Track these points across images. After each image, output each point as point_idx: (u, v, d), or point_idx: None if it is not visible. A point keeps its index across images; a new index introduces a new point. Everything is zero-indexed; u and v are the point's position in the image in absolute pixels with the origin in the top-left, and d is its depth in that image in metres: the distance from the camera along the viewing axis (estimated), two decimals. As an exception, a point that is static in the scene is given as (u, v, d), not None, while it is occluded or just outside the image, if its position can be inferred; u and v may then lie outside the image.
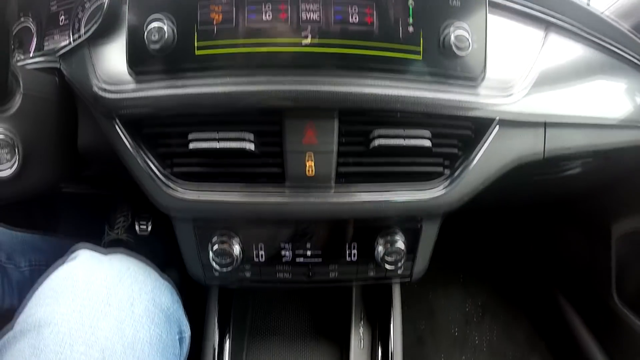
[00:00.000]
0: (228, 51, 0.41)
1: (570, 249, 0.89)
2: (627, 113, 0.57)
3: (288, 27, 0.40)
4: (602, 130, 0.55)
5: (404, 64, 0.42)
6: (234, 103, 0.40)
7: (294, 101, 0.39)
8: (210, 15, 0.40)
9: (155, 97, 0.41)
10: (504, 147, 0.46)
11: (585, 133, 0.53)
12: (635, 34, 0.60)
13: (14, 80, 0.47)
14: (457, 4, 0.43)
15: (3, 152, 0.45)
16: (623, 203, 0.73)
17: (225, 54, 0.41)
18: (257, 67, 0.41)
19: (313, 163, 0.41)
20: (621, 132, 0.58)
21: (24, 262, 0.70)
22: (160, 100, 0.40)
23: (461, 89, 0.44)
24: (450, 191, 0.45)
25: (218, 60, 0.41)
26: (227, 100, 0.40)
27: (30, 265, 0.70)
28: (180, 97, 0.40)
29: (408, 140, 0.43)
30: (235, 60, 0.41)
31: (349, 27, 0.41)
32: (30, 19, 0.67)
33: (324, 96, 0.39)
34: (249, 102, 0.39)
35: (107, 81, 0.44)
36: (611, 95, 0.57)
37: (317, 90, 0.39)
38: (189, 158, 0.43)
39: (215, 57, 0.41)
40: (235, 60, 0.41)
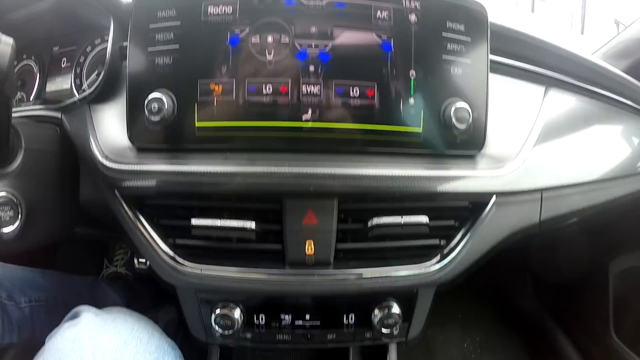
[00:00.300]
0: (228, 128, 0.41)
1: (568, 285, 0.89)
2: (624, 163, 0.58)
3: (289, 106, 0.40)
4: (599, 185, 0.55)
5: (404, 141, 0.42)
6: (234, 188, 0.40)
7: (294, 188, 0.39)
8: (211, 91, 0.40)
9: (157, 173, 0.40)
10: (500, 220, 0.46)
11: (582, 193, 0.53)
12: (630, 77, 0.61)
13: (16, 137, 0.47)
14: (459, 79, 0.43)
15: (6, 211, 0.45)
16: (620, 240, 0.73)
17: (226, 131, 0.41)
18: (258, 146, 0.40)
19: (313, 242, 0.41)
20: (618, 184, 0.58)
21: (24, 299, 0.70)
22: (161, 178, 0.40)
23: (460, 164, 0.44)
24: (446, 266, 0.45)
25: (218, 137, 0.41)
26: (227, 185, 0.39)
27: (30, 303, 0.70)
28: (181, 179, 0.40)
29: (406, 219, 0.42)
30: (236, 138, 0.41)
31: (350, 107, 0.41)
32: (33, 60, 0.67)
33: (323, 183, 0.39)
34: (249, 187, 0.39)
35: (107, 148, 0.44)
36: (608, 147, 0.57)
37: (317, 177, 0.39)
38: (192, 235, 0.43)
39: (216, 133, 0.41)
40: (235, 138, 0.41)
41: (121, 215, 0.44)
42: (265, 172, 0.39)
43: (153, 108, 0.39)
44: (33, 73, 0.67)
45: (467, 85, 0.43)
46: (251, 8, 0.40)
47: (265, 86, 0.40)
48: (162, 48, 0.41)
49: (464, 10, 0.44)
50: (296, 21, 0.40)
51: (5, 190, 0.44)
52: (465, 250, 0.45)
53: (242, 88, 0.40)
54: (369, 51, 0.41)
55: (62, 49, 0.64)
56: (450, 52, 0.43)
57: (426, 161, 0.43)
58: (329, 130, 0.41)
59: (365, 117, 0.41)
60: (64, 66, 0.64)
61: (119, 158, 0.43)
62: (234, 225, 0.41)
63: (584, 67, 0.58)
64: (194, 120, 0.41)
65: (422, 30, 0.42)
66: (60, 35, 0.64)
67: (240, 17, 0.40)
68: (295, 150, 0.41)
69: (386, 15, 0.41)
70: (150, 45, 0.41)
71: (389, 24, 0.41)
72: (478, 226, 0.45)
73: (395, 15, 0.41)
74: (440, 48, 0.43)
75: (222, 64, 0.40)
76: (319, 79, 0.40)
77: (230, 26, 0.40)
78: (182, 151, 0.41)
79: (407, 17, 0.42)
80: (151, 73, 0.41)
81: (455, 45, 0.43)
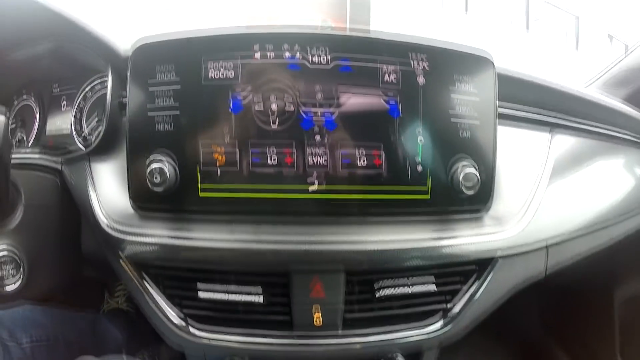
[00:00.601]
0: (233, 195, 0.39)
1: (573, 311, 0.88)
2: (630, 201, 0.58)
3: (294, 175, 0.39)
4: (606, 229, 0.55)
5: (411, 205, 0.41)
6: (240, 262, 0.38)
7: (301, 266, 0.38)
8: (214, 159, 0.39)
9: (161, 244, 0.39)
10: (506, 277, 0.46)
11: (587, 240, 0.53)
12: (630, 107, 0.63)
13: (15, 192, 0.46)
14: (467, 138, 0.42)
15: (8, 269, 0.44)
16: (624, 268, 0.72)
17: (230, 198, 0.39)
18: (263, 213, 0.39)
19: (320, 314, 0.40)
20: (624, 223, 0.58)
21: (26, 338, 0.70)
22: (166, 249, 0.39)
23: (467, 225, 0.43)
24: (452, 327, 0.45)
25: (223, 204, 0.40)
26: (233, 260, 0.38)
27: (31, 342, 0.70)
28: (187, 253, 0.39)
29: (413, 287, 0.42)
30: (241, 205, 0.40)
31: (357, 174, 0.39)
32: (33, 99, 0.66)
33: (330, 257, 0.38)
34: (255, 262, 0.38)
35: (108, 208, 0.43)
36: (614, 187, 0.57)
37: (324, 254, 0.38)
38: (199, 302, 0.42)
39: (220, 200, 0.40)
40: (240, 205, 0.40)
41: (126, 277, 0.43)
42: (272, 249, 0.38)
43: (155, 178, 0.38)
44: (33, 112, 0.66)
45: (475, 145, 0.42)
46: (254, 70, 0.39)
47: (270, 155, 0.39)
48: (161, 112, 0.40)
49: (472, 65, 0.42)
50: (301, 86, 0.39)
51: (6, 247, 0.44)
52: (470, 309, 0.45)
53: (245, 157, 0.39)
54: (377, 115, 0.40)
55: (62, 89, 0.63)
56: (458, 111, 0.42)
57: (433, 225, 0.42)
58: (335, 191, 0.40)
59: (372, 183, 0.40)
60: (64, 108, 0.63)
61: (121, 221, 0.42)
62: (241, 299, 0.40)
63: (587, 104, 0.58)
64: (197, 188, 0.39)
65: (430, 90, 0.41)
66: (59, 77, 0.63)
67: (243, 81, 0.39)
68: (302, 214, 0.40)
69: (394, 77, 0.40)
70: (149, 106, 0.40)
71: (396, 85, 0.40)
72: (483, 284, 0.45)
73: (403, 76, 0.40)
74: (448, 108, 0.41)
75: (225, 132, 0.39)
76: (326, 147, 0.39)
77: (232, 90, 0.39)
78: (186, 213, 0.40)
79: (415, 77, 0.40)
80: (152, 138, 0.40)
81: (463, 105, 0.42)
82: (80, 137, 0.60)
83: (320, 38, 0.39)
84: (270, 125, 0.39)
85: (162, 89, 0.40)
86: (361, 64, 0.39)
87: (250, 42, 0.39)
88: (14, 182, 0.46)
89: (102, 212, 0.43)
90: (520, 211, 0.46)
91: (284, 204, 0.39)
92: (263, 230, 0.39)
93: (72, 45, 0.54)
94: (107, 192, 0.45)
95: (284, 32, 0.39)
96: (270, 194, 0.39)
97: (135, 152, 0.40)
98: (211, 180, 0.39)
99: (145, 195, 0.40)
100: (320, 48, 0.39)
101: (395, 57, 0.40)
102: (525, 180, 0.49)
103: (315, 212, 0.40)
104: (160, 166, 0.38)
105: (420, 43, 0.41)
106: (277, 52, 0.39)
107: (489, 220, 0.45)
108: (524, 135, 0.52)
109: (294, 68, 0.39)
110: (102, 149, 0.47)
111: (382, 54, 0.39)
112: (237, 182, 0.39)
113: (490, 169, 0.43)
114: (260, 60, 0.39)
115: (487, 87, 0.43)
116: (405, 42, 0.40)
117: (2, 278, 0.44)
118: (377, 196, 0.40)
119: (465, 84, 0.42)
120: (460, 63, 0.42)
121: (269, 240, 0.38)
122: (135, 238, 0.40)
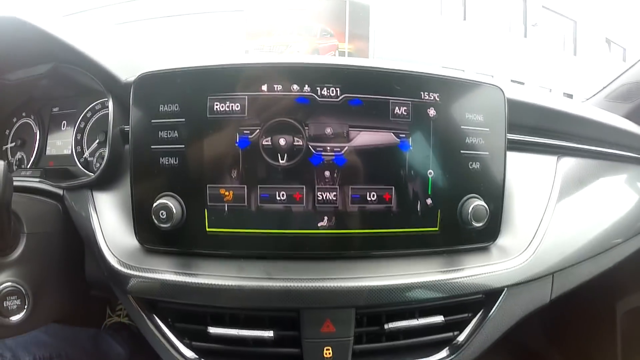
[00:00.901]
0: (241, 232, 0.39)
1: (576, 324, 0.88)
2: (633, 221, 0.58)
3: (303, 214, 0.38)
4: (609, 251, 0.55)
5: (419, 239, 0.41)
6: (250, 301, 0.38)
7: (312, 304, 0.37)
8: (221, 197, 0.38)
9: (167, 282, 0.38)
10: (512, 306, 0.45)
11: (593, 263, 0.53)
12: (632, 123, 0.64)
13: (17, 223, 0.45)
14: (476, 173, 0.41)
15: (13, 300, 0.44)
16: (627, 280, 0.72)
17: (238, 235, 0.39)
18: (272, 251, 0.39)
19: (331, 349, 0.39)
20: (628, 243, 0.59)
21: (28, 357, 0.69)
22: (174, 289, 0.38)
23: (474, 257, 0.43)
24: (457, 356, 0.44)
25: (231, 241, 0.39)
26: (243, 298, 0.38)
27: (35, 362, 0.70)
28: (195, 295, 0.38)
29: (421, 320, 0.41)
30: (249, 242, 0.39)
31: (367, 212, 0.39)
32: (32, 119, 0.65)
33: (341, 295, 0.37)
34: (265, 301, 0.37)
35: (112, 243, 0.42)
36: (619, 209, 0.57)
37: (334, 292, 0.37)
38: (209, 337, 0.41)
39: (228, 237, 0.39)
40: (249, 242, 0.39)
41: (133, 311, 0.42)
42: (282, 287, 0.37)
43: (161, 215, 0.37)
44: (32, 131, 0.64)
45: (485, 179, 0.42)
46: (261, 106, 0.38)
47: (279, 193, 0.38)
48: (165, 146, 0.39)
49: (483, 96, 0.42)
50: (310, 121, 0.38)
51: (10, 280, 0.43)
52: (476, 339, 0.44)
53: (254, 195, 0.38)
54: (387, 152, 0.39)
55: (62, 110, 0.62)
56: (469, 145, 0.41)
57: (441, 258, 0.42)
58: (344, 235, 0.39)
59: (382, 222, 0.39)
60: (64, 128, 0.62)
61: (127, 256, 0.41)
62: (252, 335, 0.39)
63: (593, 125, 0.58)
64: (204, 226, 0.39)
65: (440, 122, 0.40)
66: (59, 97, 0.62)
67: (250, 116, 0.38)
68: (311, 254, 0.39)
69: (404, 110, 0.39)
70: (152, 139, 0.39)
71: (407, 120, 0.39)
72: (489, 314, 0.44)
73: (413, 108, 0.39)
74: (459, 143, 0.41)
75: (232, 168, 0.38)
76: (335, 184, 0.38)
77: (239, 126, 0.38)
78: (193, 250, 0.39)
79: (426, 111, 0.39)
80: (156, 176, 0.39)
81: (473, 137, 0.41)
82: (81, 159, 0.59)
83: (329, 73, 0.38)
84: (279, 160, 0.38)
85: (165, 122, 0.39)
86: (371, 97, 0.39)
87: (258, 75, 0.38)
88: (15, 212, 0.45)
89: (107, 246, 0.42)
90: (526, 240, 0.46)
91: (293, 241, 0.39)
92: (272, 267, 0.38)
93: (71, 67, 0.53)
94: (112, 225, 0.44)
95: (292, 66, 0.38)
96: (279, 230, 0.38)
97: (140, 189, 0.39)
98: (218, 217, 0.39)
99: (151, 232, 0.39)
100: (330, 82, 0.38)
101: (406, 90, 0.39)
102: (532, 208, 0.49)
103: (325, 248, 0.39)
104: (166, 203, 0.37)
105: (431, 75, 0.40)
106: (285, 85, 0.38)
107: (496, 250, 0.45)
108: (530, 161, 0.52)
109: (302, 102, 0.38)
110: (104, 179, 0.46)
111: (392, 87, 0.39)
112: (246, 224, 0.38)
113: (499, 202, 0.43)
114: (267, 93, 0.38)
115: (498, 118, 0.42)
116: (416, 74, 0.39)
117: (7, 310, 0.43)
118: (386, 231, 0.40)
119: (476, 115, 0.41)
120: (471, 94, 0.41)
121: (278, 278, 0.37)
122: (142, 274, 0.39)
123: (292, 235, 0.39)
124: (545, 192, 0.50)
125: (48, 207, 0.50)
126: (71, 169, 0.59)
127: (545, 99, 0.55)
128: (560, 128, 0.55)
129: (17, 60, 0.57)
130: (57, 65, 0.55)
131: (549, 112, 0.53)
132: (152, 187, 0.39)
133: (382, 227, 0.39)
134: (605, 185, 0.59)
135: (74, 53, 0.47)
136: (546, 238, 0.46)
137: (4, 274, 0.44)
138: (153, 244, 0.40)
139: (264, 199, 0.38)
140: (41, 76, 0.57)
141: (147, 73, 0.39)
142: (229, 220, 0.38)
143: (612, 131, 0.60)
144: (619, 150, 0.61)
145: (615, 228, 0.56)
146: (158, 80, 0.39)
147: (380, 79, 0.39)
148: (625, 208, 0.59)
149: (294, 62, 0.38)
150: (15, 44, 0.53)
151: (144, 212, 0.39)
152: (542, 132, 0.54)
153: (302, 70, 0.38)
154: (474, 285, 0.41)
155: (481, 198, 0.41)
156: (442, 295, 0.40)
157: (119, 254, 0.41)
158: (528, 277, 0.44)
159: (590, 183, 0.56)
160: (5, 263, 0.44)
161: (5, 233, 0.41)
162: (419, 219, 0.40)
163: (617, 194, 0.60)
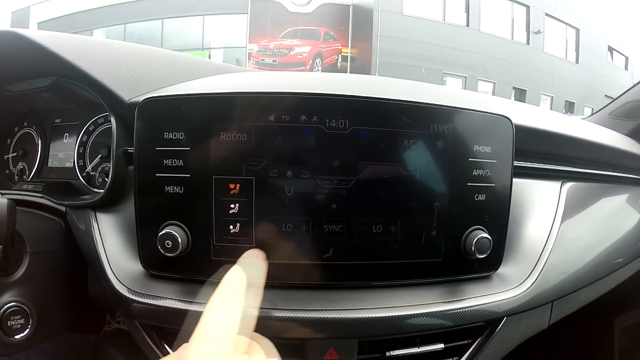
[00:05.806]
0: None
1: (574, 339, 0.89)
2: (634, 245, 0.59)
3: (309, 245, 0.38)
4: (609, 276, 0.56)
5: (423, 269, 0.41)
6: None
7: (316, 335, 0.37)
8: (227, 228, 0.38)
9: (173, 309, 0.38)
10: (511, 333, 0.46)
11: (592, 288, 0.54)
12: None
13: (20, 242, 0.45)
14: (481, 204, 0.41)
15: (17, 320, 0.44)
16: (625, 296, 0.73)
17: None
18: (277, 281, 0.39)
19: (334, 375, 0.40)
20: (628, 267, 0.59)
21: (29, 366, 0.69)
22: (178, 314, 0.38)
23: (476, 286, 0.43)
24: None
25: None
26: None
27: (34, 369, 0.70)
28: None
29: (422, 347, 0.42)
30: None
31: (371, 244, 0.39)
32: (34, 130, 0.64)
33: (345, 325, 0.37)
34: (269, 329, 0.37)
35: (116, 266, 0.42)
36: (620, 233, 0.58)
37: (338, 320, 0.37)
38: None
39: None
40: None
41: (139, 336, 0.42)
42: (286, 317, 0.37)
43: (167, 244, 0.37)
44: (34, 142, 0.64)
45: (489, 211, 0.42)
46: (268, 136, 0.37)
47: (285, 225, 0.37)
48: (170, 174, 0.38)
49: (491, 127, 0.41)
50: (317, 153, 0.38)
51: (14, 300, 0.44)
52: None
53: (259, 223, 0.38)
54: (394, 184, 0.38)
55: (64, 122, 0.61)
56: (475, 177, 0.41)
57: (443, 287, 0.42)
58: (348, 266, 0.39)
59: (386, 252, 0.39)
60: (66, 141, 0.61)
61: (132, 280, 0.41)
62: None
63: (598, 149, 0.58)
64: (210, 252, 0.39)
65: (448, 156, 0.40)
66: (61, 109, 0.61)
67: (256, 147, 0.37)
68: (315, 285, 0.40)
69: (413, 144, 0.39)
70: (157, 166, 0.38)
71: (415, 152, 0.39)
72: (488, 340, 0.45)
73: (422, 143, 0.39)
74: (466, 175, 0.41)
75: (238, 199, 0.38)
76: (342, 216, 0.38)
77: (246, 156, 0.37)
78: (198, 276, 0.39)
79: (435, 144, 0.39)
80: (162, 204, 0.38)
81: (480, 170, 0.41)
82: (83, 173, 0.58)
83: (339, 104, 0.37)
84: (285, 192, 0.37)
85: (170, 149, 0.38)
86: (380, 129, 0.38)
87: (266, 106, 0.37)
88: (19, 231, 0.45)
89: (112, 270, 0.42)
90: (528, 268, 0.46)
91: (298, 271, 0.39)
92: (277, 297, 0.38)
93: (73, 82, 0.52)
94: (115, 248, 0.44)
95: (300, 97, 0.38)
96: (284, 261, 0.38)
97: (145, 217, 0.39)
98: (224, 251, 0.38)
99: (156, 259, 0.39)
100: (339, 114, 0.37)
101: (415, 122, 0.39)
102: (534, 235, 0.49)
103: (329, 279, 0.39)
104: (172, 232, 0.37)
105: (441, 107, 0.39)
106: (293, 115, 0.37)
107: (497, 279, 0.45)
108: (534, 187, 0.52)
109: (310, 132, 0.38)
110: (108, 200, 0.46)
111: (401, 119, 0.38)
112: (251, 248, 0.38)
113: (502, 232, 0.43)
114: (275, 123, 0.37)
115: (506, 149, 0.42)
116: (426, 106, 0.39)
117: (11, 329, 0.43)
118: (390, 261, 0.40)
119: (484, 147, 0.41)
120: (480, 125, 0.41)
121: (282, 308, 0.37)
122: (148, 300, 0.39)
123: (297, 265, 0.38)
124: (549, 218, 0.51)
125: (51, 225, 0.50)
126: (73, 183, 0.58)
127: (552, 123, 0.54)
128: (566, 152, 0.55)
129: (17, 73, 0.56)
130: (58, 79, 0.54)
131: (556, 137, 0.53)
132: (158, 215, 0.38)
133: (387, 257, 0.39)
134: (607, 207, 0.59)
135: (75, 71, 0.46)
136: (547, 266, 0.47)
137: (8, 294, 0.44)
138: (158, 270, 0.40)
139: (269, 230, 0.38)
140: (43, 89, 0.56)
141: (152, 98, 0.39)
142: (234, 251, 0.38)
143: (617, 154, 0.61)
144: (622, 172, 0.61)
145: (617, 251, 0.56)
146: (163, 105, 0.39)
147: (389, 111, 0.38)
148: (627, 230, 0.59)
149: (303, 93, 0.37)
150: (15, 57, 0.52)
151: (149, 240, 0.39)
152: (547, 157, 0.54)
153: (311, 101, 0.37)
154: (475, 315, 0.42)
155: (485, 230, 0.41)
156: (444, 324, 0.41)
157: (123, 279, 0.41)
158: (528, 306, 0.45)
159: (593, 206, 0.57)
160: (8, 283, 0.44)
161: (9, 255, 0.42)
162: (423, 249, 0.40)
163: (619, 217, 0.60)
